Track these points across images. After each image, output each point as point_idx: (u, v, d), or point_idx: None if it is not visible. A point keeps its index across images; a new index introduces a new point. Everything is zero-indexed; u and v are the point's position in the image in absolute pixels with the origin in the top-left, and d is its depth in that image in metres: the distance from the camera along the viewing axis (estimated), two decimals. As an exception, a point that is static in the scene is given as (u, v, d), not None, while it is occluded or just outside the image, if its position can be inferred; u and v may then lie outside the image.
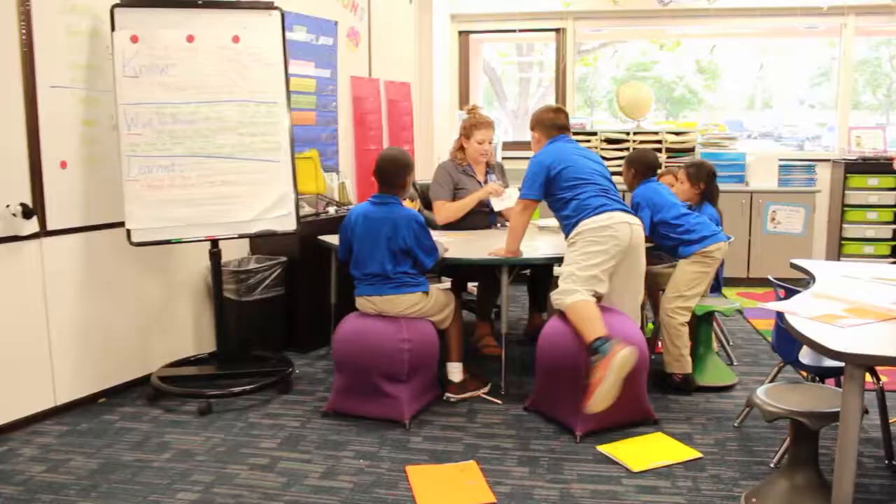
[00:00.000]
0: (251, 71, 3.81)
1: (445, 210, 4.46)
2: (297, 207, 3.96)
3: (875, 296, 2.66)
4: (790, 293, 2.95)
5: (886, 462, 2.99)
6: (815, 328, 2.25)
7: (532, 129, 3.80)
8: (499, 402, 3.68)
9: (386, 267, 3.45)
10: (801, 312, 2.41)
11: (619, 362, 3.05)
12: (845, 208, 6.39)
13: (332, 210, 4.84)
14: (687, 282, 3.82)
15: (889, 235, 6.37)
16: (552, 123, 3.73)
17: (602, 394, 3.06)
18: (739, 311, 4.06)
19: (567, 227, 3.57)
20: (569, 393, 3.31)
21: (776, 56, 7.49)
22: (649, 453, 3.10)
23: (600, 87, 8.05)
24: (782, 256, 6.08)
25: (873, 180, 6.35)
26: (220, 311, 3.97)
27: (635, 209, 3.84)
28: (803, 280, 5.95)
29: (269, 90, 3.85)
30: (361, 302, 3.55)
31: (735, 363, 4.30)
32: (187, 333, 4.31)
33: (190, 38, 3.69)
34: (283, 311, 4.48)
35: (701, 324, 3.98)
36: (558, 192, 3.56)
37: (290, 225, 3.93)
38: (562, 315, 3.37)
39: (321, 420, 3.52)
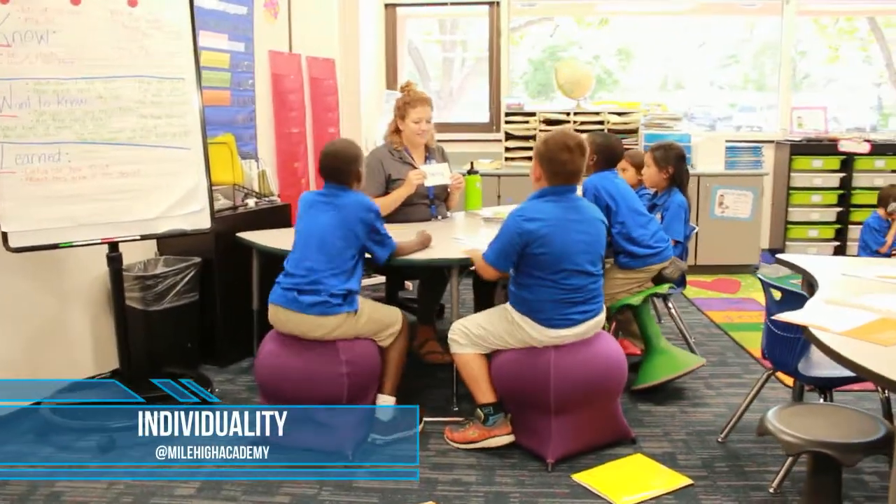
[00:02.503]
0: (152, 41, 3.21)
1: None
2: (212, 202, 3.40)
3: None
4: (790, 297, 2.59)
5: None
6: (861, 352, 1.86)
7: (535, 159, 2.89)
8: (460, 414, 3.26)
9: (318, 266, 2.95)
10: (830, 326, 2.04)
11: (492, 444, 2.99)
12: (790, 191, 6.20)
13: (251, 202, 4.25)
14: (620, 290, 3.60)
15: (833, 218, 6.21)
16: (560, 168, 2.81)
17: (460, 444, 3.05)
18: (673, 288, 3.76)
19: (510, 290, 2.97)
20: (535, 414, 2.89)
21: (693, 34, 7.34)
22: (633, 481, 2.71)
23: (517, 69, 7.67)
24: (730, 242, 5.87)
25: (818, 162, 6.16)
26: (122, 323, 3.37)
27: (585, 193, 3.45)
28: (751, 266, 5.86)
29: (175, 64, 3.26)
30: (274, 311, 3.02)
31: (702, 364, 3.96)
32: (85, 351, 3.68)
33: (75, 0, 3.07)
34: (197, 321, 3.88)
35: (641, 312, 3.58)
36: (521, 266, 2.88)
37: (203, 223, 3.36)
38: None
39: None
